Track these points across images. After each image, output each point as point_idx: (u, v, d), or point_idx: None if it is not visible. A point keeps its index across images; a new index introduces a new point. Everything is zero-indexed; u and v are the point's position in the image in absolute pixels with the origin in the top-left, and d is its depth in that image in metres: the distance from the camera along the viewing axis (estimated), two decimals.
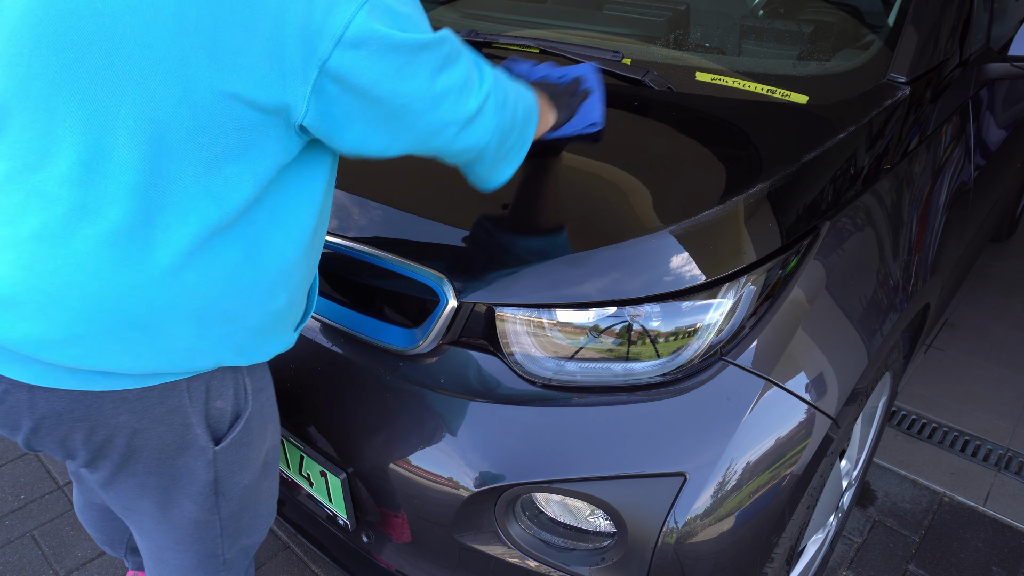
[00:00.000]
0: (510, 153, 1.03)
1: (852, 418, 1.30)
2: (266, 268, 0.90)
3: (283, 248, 0.91)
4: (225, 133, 0.78)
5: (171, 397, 0.90)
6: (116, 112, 0.76)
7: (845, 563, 1.80)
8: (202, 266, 0.84)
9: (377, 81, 0.80)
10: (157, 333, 0.84)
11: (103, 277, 0.80)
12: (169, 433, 0.92)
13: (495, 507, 1.14)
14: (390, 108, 0.84)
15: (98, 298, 0.80)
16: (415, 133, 0.88)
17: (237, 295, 0.88)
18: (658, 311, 1.10)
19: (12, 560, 1.78)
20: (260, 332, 0.94)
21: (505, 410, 1.13)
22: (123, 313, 0.82)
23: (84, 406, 0.86)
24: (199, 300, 0.85)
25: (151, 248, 0.81)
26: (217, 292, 0.86)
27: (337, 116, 0.82)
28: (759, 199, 1.16)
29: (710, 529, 1.06)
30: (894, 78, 1.46)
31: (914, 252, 1.45)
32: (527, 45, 1.65)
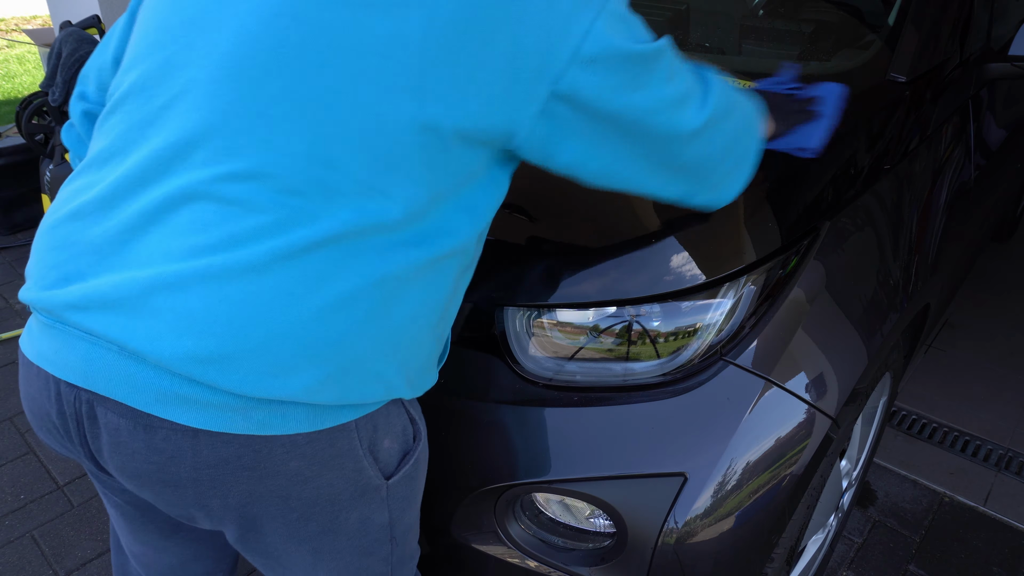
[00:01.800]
0: (738, 166, 0.95)
1: (852, 418, 1.30)
2: (443, 291, 0.84)
3: (455, 269, 0.84)
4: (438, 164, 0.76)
5: (340, 440, 0.81)
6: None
7: (845, 563, 1.80)
8: (400, 285, 0.78)
9: (611, 97, 0.76)
10: (349, 355, 0.76)
11: (301, 292, 0.73)
12: (340, 479, 0.83)
13: (495, 507, 1.14)
14: (620, 123, 0.79)
15: (296, 312, 0.73)
16: (641, 148, 0.83)
17: (425, 318, 0.82)
18: (658, 311, 1.10)
19: (12, 560, 1.78)
20: (426, 364, 0.88)
21: (505, 410, 1.13)
22: (319, 330, 0.74)
23: (253, 451, 0.76)
24: (395, 319, 0.78)
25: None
26: (409, 313, 0.80)
27: (558, 136, 0.78)
28: (759, 199, 1.16)
29: (710, 529, 1.06)
30: (894, 78, 1.46)
31: (914, 252, 1.45)
32: None
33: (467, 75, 0.72)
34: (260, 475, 0.78)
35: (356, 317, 0.75)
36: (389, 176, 0.73)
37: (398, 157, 0.73)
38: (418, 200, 0.76)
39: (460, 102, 0.73)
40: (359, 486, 0.85)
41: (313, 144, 0.72)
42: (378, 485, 0.87)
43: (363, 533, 0.90)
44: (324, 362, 0.74)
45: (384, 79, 0.72)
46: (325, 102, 0.72)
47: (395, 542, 0.96)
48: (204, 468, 0.76)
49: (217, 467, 0.76)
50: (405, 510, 0.95)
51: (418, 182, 0.75)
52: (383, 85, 0.72)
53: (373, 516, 0.89)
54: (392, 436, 0.88)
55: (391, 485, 0.89)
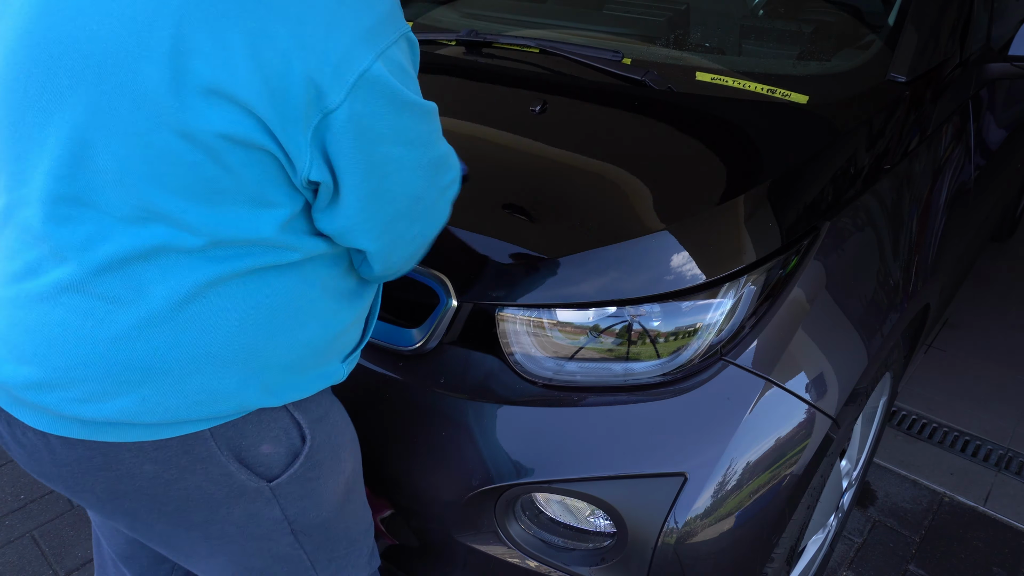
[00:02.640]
0: (421, 249, 0.94)
1: (852, 418, 1.29)
2: (286, 297, 0.82)
3: (296, 276, 0.82)
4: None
5: (196, 447, 0.80)
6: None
7: (845, 563, 1.80)
8: (208, 301, 0.76)
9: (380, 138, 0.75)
10: (164, 377, 0.76)
11: (96, 318, 0.74)
12: (208, 483, 0.82)
13: (495, 507, 1.14)
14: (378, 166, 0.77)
15: (93, 340, 0.74)
16: (402, 196, 0.81)
17: (255, 330, 0.79)
18: (658, 311, 1.10)
19: (12, 560, 1.78)
20: (292, 369, 0.85)
21: (505, 410, 1.13)
22: (122, 355, 0.74)
23: (101, 454, 0.78)
24: (209, 338, 0.77)
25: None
26: (230, 328, 0.78)
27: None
28: (759, 199, 1.16)
29: (710, 529, 1.06)
30: (894, 78, 1.46)
31: (914, 252, 1.45)
32: (527, 45, 1.65)
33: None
34: (117, 476, 0.79)
35: (163, 339, 0.75)
36: (163, 195, 0.71)
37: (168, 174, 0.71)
38: (205, 217, 0.73)
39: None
40: (233, 488, 0.84)
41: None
42: (257, 487, 0.86)
43: (255, 524, 0.89)
44: (136, 386, 0.75)
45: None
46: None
47: (301, 535, 0.93)
48: (63, 466, 0.79)
49: (72, 466, 0.79)
50: (307, 508, 0.92)
51: (197, 197, 0.72)
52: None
53: (261, 512, 0.88)
54: (271, 441, 0.86)
55: (276, 486, 0.87)
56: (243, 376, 0.80)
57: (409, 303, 1.21)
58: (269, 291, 0.80)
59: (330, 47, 0.69)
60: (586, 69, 1.54)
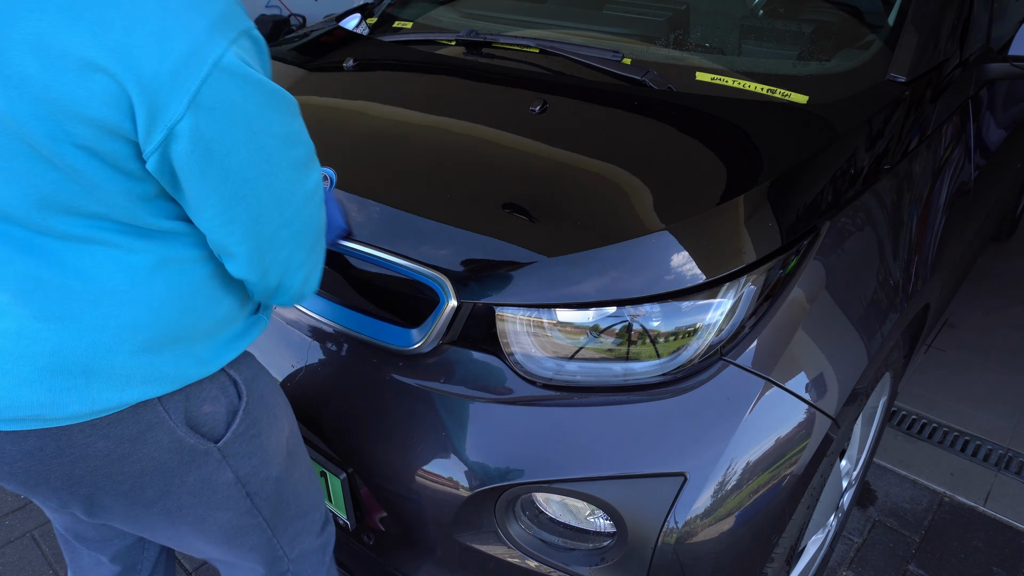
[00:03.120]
0: (319, 262, 0.94)
1: (852, 418, 1.30)
2: (191, 282, 0.85)
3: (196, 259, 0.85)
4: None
5: (146, 415, 0.83)
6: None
7: (845, 563, 1.80)
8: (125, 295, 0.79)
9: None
10: (101, 375, 0.79)
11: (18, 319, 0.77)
12: (159, 451, 0.85)
13: (495, 507, 1.14)
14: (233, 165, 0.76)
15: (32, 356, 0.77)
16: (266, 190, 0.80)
17: (171, 317, 0.83)
18: (658, 311, 1.10)
19: (12, 560, 1.78)
20: (216, 335, 0.88)
21: (505, 410, 1.13)
22: (56, 358, 0.77)
23: (53, 441, 0.80)
24: (129, 329, 0.80)
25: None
26: (149, 319, 0.81)
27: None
28: (759, 199, 1.16)
29: (710, 529, 1.06)
30: (894, 78, 1.46)
31: (914, 252, 1.45)
32: (527, 45, 1.65)
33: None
34: (71, 460, 0.81)
35: (71, 330, 0.77)
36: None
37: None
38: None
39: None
40: (184, 454, 0.87)
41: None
42: (206, 449, 0.89)
43: (210, 491, 0.92)
44: (54, 377, 0.78)
45: None
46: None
47: (254, 496, 0.97)
48: (15, 462, 0.80)
49: (25, 459, 0.80)
50: (256, 466, 0.95)
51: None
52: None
53: (214, 476, 0.91)
54: (211, 400, 0.89)
55: (223, 446, 0.91)
56: (175, 357, 0.83)
57: (409, 303, 1.21)
58: (181, 278, 0.83)
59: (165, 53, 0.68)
60: (586, 69, 1.54)
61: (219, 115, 0.72)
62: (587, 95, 1.44)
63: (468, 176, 1.28)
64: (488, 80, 1.56)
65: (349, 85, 1.65)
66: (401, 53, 1.78)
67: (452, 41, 1.76)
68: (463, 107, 1.48)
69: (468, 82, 1.57)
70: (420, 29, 1.93)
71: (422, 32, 1.88)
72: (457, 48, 1.74)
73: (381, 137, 1.44)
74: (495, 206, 1.20)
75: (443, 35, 1.79)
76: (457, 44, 1.75)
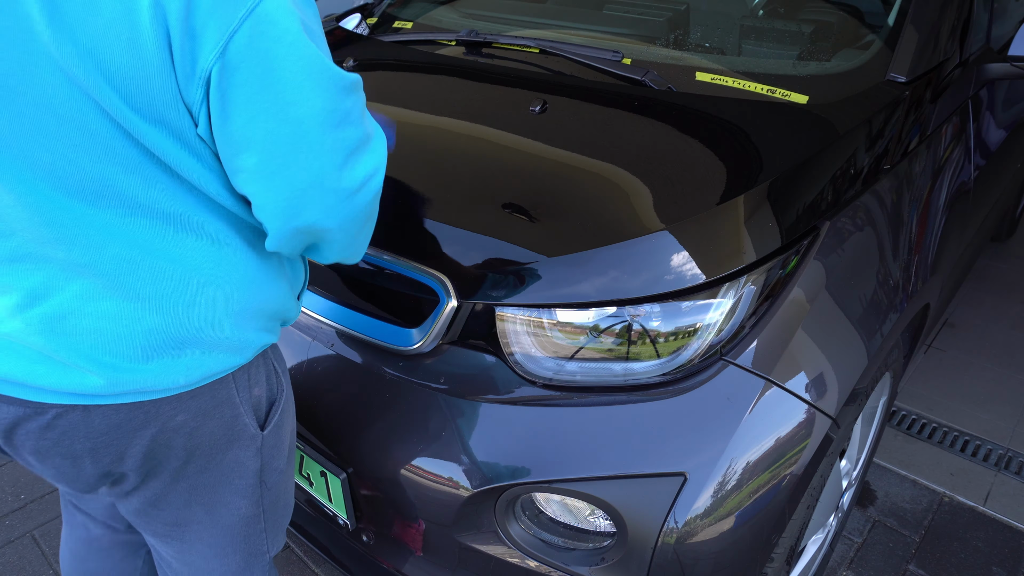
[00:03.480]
0: (370, 220, 0.94)
1: (852, 418, 1.30)
2: (264, 260, 0.91)
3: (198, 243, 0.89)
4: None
5: (220, 390, 0.90)
6: None
7: (845, 563, 1.80)
8: (219, 262, 0.85)
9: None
10: (193, 349, 0.85)
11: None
12: (220, 426, 0.92)
13: (495, 507, 1.14)
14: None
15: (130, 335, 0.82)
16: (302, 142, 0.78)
17: (255, 287, 0.89)
18: (658, 311, 1.10)
19: (12, 560, 1.78)
20: (278, 312, 0.95)
21: (505, 410, 1.13)
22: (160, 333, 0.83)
23: (143, 413, 0.85)
24: (225, 303, 0.86)
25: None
26: (243, 289, 0.88)
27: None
28: (759, 199, 1.16)
29: (710, 529, 1.06)
30: (894, 78, 1.46)
31: (914, 252, 1.45)
32: (527, 45, 1.65)
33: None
34: (154, 432, 0.86)
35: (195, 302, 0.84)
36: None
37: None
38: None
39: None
40: (235, 431, 0.94)
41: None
42: (253, 434, 0.96)
43: (238, 475, 0.98)
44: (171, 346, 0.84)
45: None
46: None
47: (265, 486, 1.03)
48: (99, 436, 0.84)
49: (111, 432, 0.84)
50: (275, 457, 1.02)
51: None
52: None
53: (247, 462, 0.98)
54: (260, 384, 0.96)
55: (266, 435, 0.98)
56: (257, 326, 0.91)
57: (409, 303, 1.21)
58: (258, 256, 0.89)
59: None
60: (586, 69, 1.54)
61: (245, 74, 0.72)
62: (587, 95, 1.44)
63: (468, 176, 1.28)
64: (488, 80, 1.56)
65: None
66: (401, 53, 1.78)
67: (452, 41, 1.76)
68: (463, 107, 1.48)
69: (468, 82, 1.57)
70: (420, 29, 1.93)
71: (422, 32, 1.88)
72: (457, 48, 1.74)
73: None
74: (495, 206, 1.20)
75: (443, 35, 1.79)
76: (457, 44, 1.75)
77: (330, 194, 0.82)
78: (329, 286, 1.32)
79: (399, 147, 1.39)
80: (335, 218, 0.85)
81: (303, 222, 0.83)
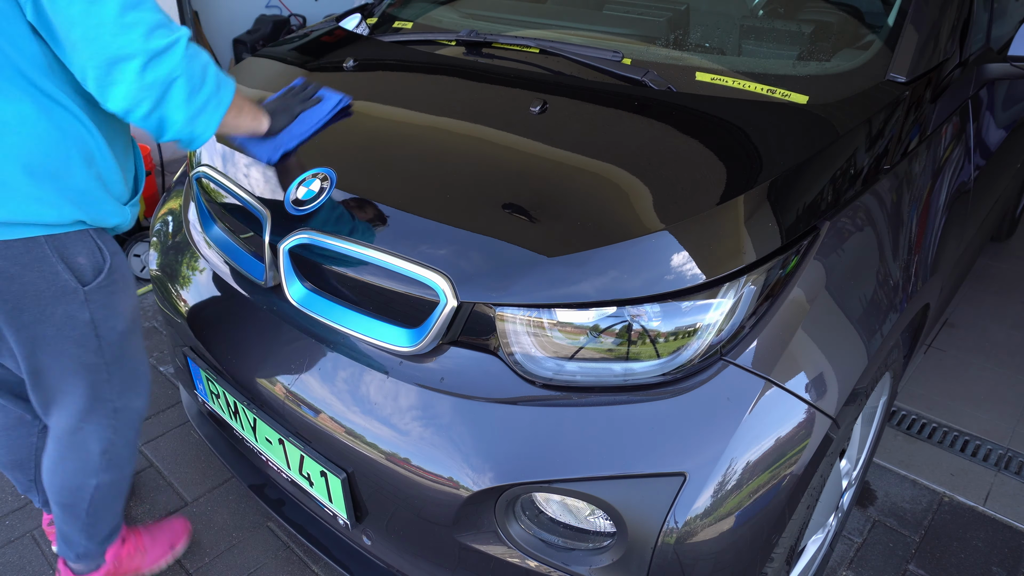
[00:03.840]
0: (203, 111, 1.17)
1: (852, 418, 1.30)
2: (70, 133, 1.15)
3: (81, 117, 1.16)
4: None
5: (34, 249, 1.16)
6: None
7: (845, 563, 1.80)
8: (15, 122, 1.09)
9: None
10: (5, 187, 1.10)
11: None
12: (41, 280, 1.18)
13: (495, 507, 1.14)
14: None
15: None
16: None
17: (52, 154, 1.13)
18: (658, 311, 1.11)
19: (12, 560, 1.78)
20: (90, 194, 1.20)
21: (505, 410, 1.13)
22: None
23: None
24: (21, 153, 1.10)
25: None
26: (33, 148, 1.11)
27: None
28: (759, 199, 1.16)
29: (710, 529, 1.06)
30: (894, 78, 1.47)
31: (914, 252, 1.45)
32: (527, 45, 1.65)
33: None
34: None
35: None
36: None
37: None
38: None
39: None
40: (58, 287, 1.21)
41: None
42: (75, 288, 1.23)
43: (70, 326, 1.25)
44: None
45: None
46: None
47: (102, 339, 1.30)
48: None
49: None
50: (109, 317, 1.30)
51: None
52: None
53: (76, 314, 1.25)
54: (84, 255, 1.23)
55: (88, 291, 1.25)
56: (55, 190, 1.15)
57: (409, 303, 1.21)
58: (60, 125, 1.14)
59: None
60: (586, 69, 1.54)
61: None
62: (587, 95, 1.44)
63: (468, 176, 1.28)
64: (488, 80, 1.56)
65: (349, 85, 1.65)
66: (401, 53, 1.78)
67: (452, 41, 1.76)
68: (463, 107, 1.48)
69: (468, 82, 1.57)
70: (420, 29, 1.93)
71: (422, 32, 1.88)
72: (457, 48, 1.74)
73: (381, 137, 1.44)
74: (495, 206, 1.20)
75: (443, 35, 1.79)
76: (457, 44, 1.75)
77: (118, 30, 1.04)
78: (329, 286, 1.32)
79: (400, 147, 1.39)
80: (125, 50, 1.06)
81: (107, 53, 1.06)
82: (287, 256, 1.34)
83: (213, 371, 1.49)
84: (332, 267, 1.30)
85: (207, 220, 1.62)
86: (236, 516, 1.90)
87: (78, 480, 1.43)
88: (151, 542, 1.69)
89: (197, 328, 1.52)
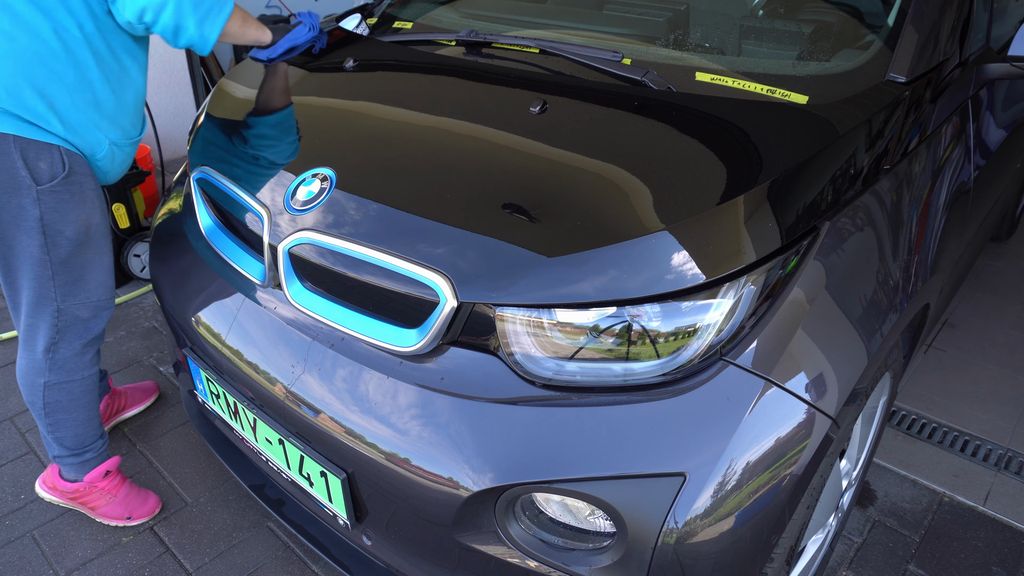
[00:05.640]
0: (208, 16, 1.43)
1: (852, 418, 1.30)
2: (80, 59, 1.39)
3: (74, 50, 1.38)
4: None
5: (2, 144, 1.36)
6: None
7: (845, 563, 1.80)
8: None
9: None
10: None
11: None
12: (2, 171, 1.37)
13: (495, 507, 1.14)
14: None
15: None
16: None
17: (39, 69, 1.35)
18: (658, 311, 1.11)
19: (12, 560, 1.78)
20: (75, 113, 1.42)
21: (505, 410, 1.13)
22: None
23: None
24: (31, 63, 1.34)
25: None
26: (16, 57, 1.33)
27: None
28: (759, 199, 1.16)
29: (710, 529, 1.06)
30: (894, 78, 1.47)
31: (914, 252, 1.45)
32: (527, 45, 1.65)
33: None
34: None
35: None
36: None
37: None
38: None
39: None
40: (16, 181, 1.40)
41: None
42: (29, 184, 1.41)
43: (22, 217, 1.43)
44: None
45: None
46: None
47: (48, 238, 1.47)
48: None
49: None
50: (56, 220, 1.46)
51: None
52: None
53: (28, 208, 1.43)
54: (45, 161, 1.42)
55: (40, 191, 1.42)
56: (32, 97, 1.37)
57: (409, 303, 1.21)
58: (41, 41, 1.35)
59: None
60: (586, 69, 1.54)
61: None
62: (587, 95, 1.44)
63: (468, 176, 1.28)
64: (488, 80, 1.56)
65: (349, 85, 1.65)
66: (401, 53, 1.78)
67: (452, 41, 1.76)
68: (463, 107, 1.48)
69: (468, 82, 1.57)
70: (420, 29, 1.93)
71: (422, 32, 1.88)
72: (457, 48, 1.74)
73: (381, 137, 1.44)
74: (495, 206, 1.20)
75: (443, 35, 1.79)
76: (457, 44, 1.75)
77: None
78: (329, 286, 1.32)
79: (400, 147, 1.39)
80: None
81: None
82: (287, 256, 1.34)
83: (213, 371, 1.49)
84: (332, 267, 1.30)
85: (207, 220, 1.62)
86: (236, 516, 1.90)
87: (30, 378, 1.64)
88: (124, 497, 1.85)
89: (197, 328, 1.52)
